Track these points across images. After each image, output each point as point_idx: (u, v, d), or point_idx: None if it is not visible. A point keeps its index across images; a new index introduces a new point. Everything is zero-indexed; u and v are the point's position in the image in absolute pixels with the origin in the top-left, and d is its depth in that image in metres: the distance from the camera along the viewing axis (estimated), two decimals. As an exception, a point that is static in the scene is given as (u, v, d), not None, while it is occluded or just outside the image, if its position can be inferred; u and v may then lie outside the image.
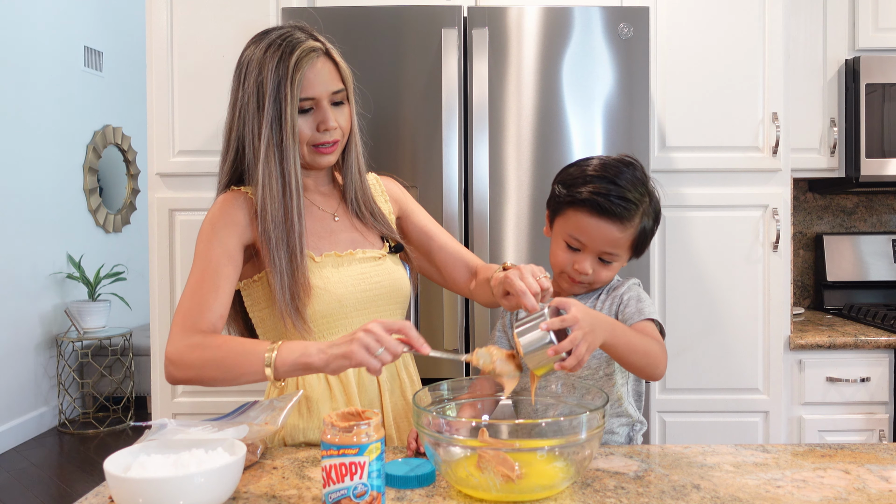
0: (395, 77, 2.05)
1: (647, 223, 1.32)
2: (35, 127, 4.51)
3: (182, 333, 1.23)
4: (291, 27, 1.34)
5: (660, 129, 2.27)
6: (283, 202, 1.29)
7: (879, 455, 1.21)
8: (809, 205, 2.98)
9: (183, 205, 2.23)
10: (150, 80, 2.23)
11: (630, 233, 1.29)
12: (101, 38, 5.16)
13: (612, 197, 1.26)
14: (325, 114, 1.31)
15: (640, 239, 1.32)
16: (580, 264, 1.30)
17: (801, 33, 2.57)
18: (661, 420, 2.29)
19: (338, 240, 1.39)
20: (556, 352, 1.05)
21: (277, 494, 1.07)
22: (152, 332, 2.24)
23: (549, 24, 2.06)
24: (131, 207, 5.59)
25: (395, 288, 1.41)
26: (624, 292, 1.34)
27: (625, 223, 1.28)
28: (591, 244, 1.29)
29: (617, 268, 1.34)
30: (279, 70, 1.28)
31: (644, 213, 1.31)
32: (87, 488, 3.42)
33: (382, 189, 1.51)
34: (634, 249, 1.34)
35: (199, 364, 1.20)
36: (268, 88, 1.28)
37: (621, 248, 1.31)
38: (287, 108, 1.28)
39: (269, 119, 1.28)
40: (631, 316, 1.30)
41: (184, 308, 1.25)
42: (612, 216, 1.26)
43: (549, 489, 1.03)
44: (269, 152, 1.29)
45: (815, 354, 2.33)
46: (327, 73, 1.32)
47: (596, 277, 1.32)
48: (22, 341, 4.41)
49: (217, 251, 1.29)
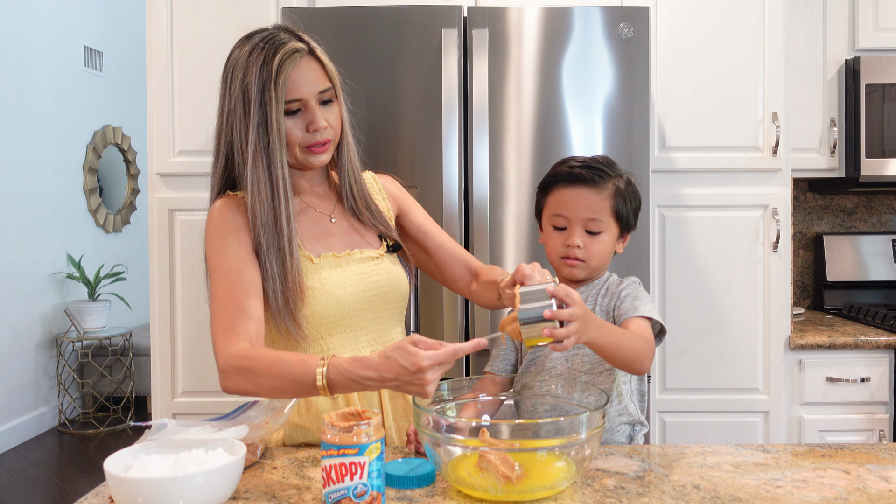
0: (395, 77, 2.05)
1: (622, 193, 1.37)
2: (35, 127, 4.51)
3: (226, 346, 1.21)
4: (276, 28, 1.33)
5: (660, 129, 2.27)
6: (271, 206, 1.28)
7: (879, 455, 1.21)
8: (809, 205, 2.98)
9: (183, 205, 2.24)
10: (150, 80, 2.23)
11: (606, 195, 1.36)
12: (101, 38, 5.16)
13: (579, 166, 1.37)
14: (313, 114, 1.30)
15: (620, 208, 1.36)
16: (570, 238, 1.36)
17: (801, 33, 2.57)
18: (661, 420, 2.29)
19: (335, 241, 1.39)
20: (551, 334, 1.11)
21: (277, 494, 1.07)
22: (152, 332, 2.24)
23: (549, 24, 2.06)
24: (131, 207, 5.59)
25: (394, 287, 1.41)
26: (623, 289, 1.37)
27: (598, 187, 1.35)
28: (573, 215, 1.36)
29: (607, 240, 1.37)
30: (262, 73, 1.27)
31: (617, 184, 1.37)
32: (87, 488, 3.42)
33: (380, 187, 1.51)
34: (618, 220, 1.37)
35: (251, 390, 1.19)
36: (253, 93, 1.27)
37: (602, 213, 1.35)
38: (272, 111, 1.27)
39: (255, 123, 1.27)
40: (625, 312, 1.33)
41: (221, 321, 1.23)
42: (583, 181, 1.36)
43: (549, 489, 1.03)
44: (257, 157, 1.28)
45: (815, 354, 2.33)
46: (312, 72, 1.31)
47: (588, 252, 1.36)
48: (22, 341, 4.41)
49: (234, 258, 1.28)
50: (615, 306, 1.36)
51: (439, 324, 2.03)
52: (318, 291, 1.31)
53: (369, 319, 1.37)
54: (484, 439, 1.03)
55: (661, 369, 2.28)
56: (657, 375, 2.28)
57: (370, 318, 1.38)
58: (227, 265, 1.27)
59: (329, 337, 1.34)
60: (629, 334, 1.25)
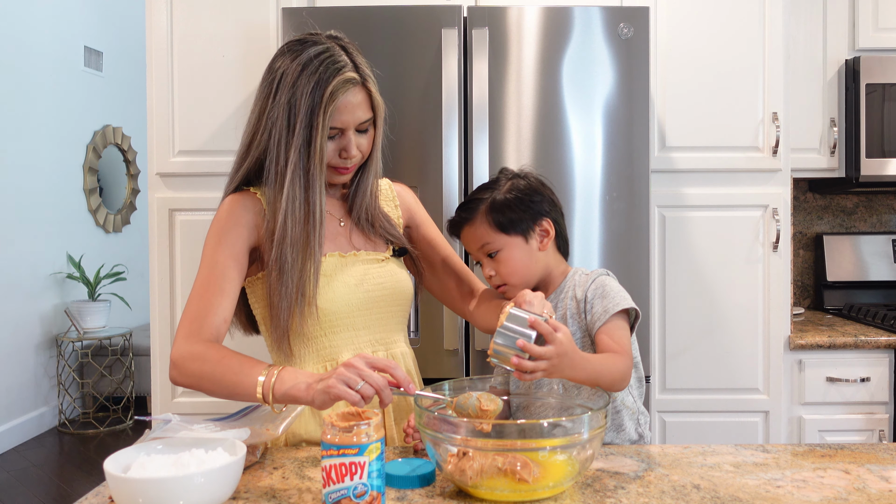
0: (395, 77, 2.05)
1: (496, 207, 1.37)
2: (35, 127, 4.51)
3: (186, 339, 1.24)
4: (332, 42, 1.31)
5: (660, 130, 2.27)
6: (304, 229, 1.29)
7: (879, 455, 1.21)
8: (809, 205, 2.98)
9: (183, 205, 2.24)
10: (150, 80, 2.23)
11: (478, 222, 1.38)
12: (101, 38, 5.16)
13: (454, 215, 1.43)
14: (348, 142, 1.31)
15: (498, 220, 1.36)
16: (483, 271, 1.40)
17: (801, 33, 2.57)
18: (661, 420, 2.29)
19: (342, 242, 1.40)
20: (517, 364, 1.13)
21: (277, 494, 1.07)
22: (152, 332, 2.24)
23: (549, 24, 2.06)
24: (131, 207, 5.59)
25: (398, 290, 1.41)
26: (588, 289, 1.34)
27: (470, 220, 1.39)
28: (471, 252, 1.42)
29: (510, 255, 1.36)
30: (314, 96, 1.26)
31: (491, 202, 1.37)
32: (87, 488, 3.42)
33: (394, 195, 1.51)
34: (502, 229, 1.37)
35: (197, 375, 1.22)
36: (300, 112, 1.26)
37: (485, 236, 1.37)
38: (317, 136, 1.27)
39: (298, 144, 1.27)
40: (598, 318, 1.30)
41: (189, 312, 1.26)
42: (459, 224, 1.41)
43: (550, 489, 1.03)
44: (295, 177, 1.28)
45: (815, 354, 2.33)
46: (359, 103, 1.30)
47: (501, 275, 1.38)
48: (22, 341, 4.41)
49: (223, 255, 1.29)
50: (585, 310, 1.33)
51: (439, 324, 2.03)
52: (322, 289, 1.31)
53: (372, 320, 1.38)
54: (483, 438, 1.03)
55: (661, 369, 2.28)
56: (657, 375, 2.28)
57: (373, 318, 1.38)
58: (215, 259, 1.29)
59: (332, 335, 1.34)
60: (608, 361, 1.23)
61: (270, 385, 1.16)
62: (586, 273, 1.39)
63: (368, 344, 1.37)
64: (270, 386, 1.16)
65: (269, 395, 1.16)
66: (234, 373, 1.19)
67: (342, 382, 1.10)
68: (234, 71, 2.22)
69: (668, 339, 2.27)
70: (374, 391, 1.11)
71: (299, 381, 1.16)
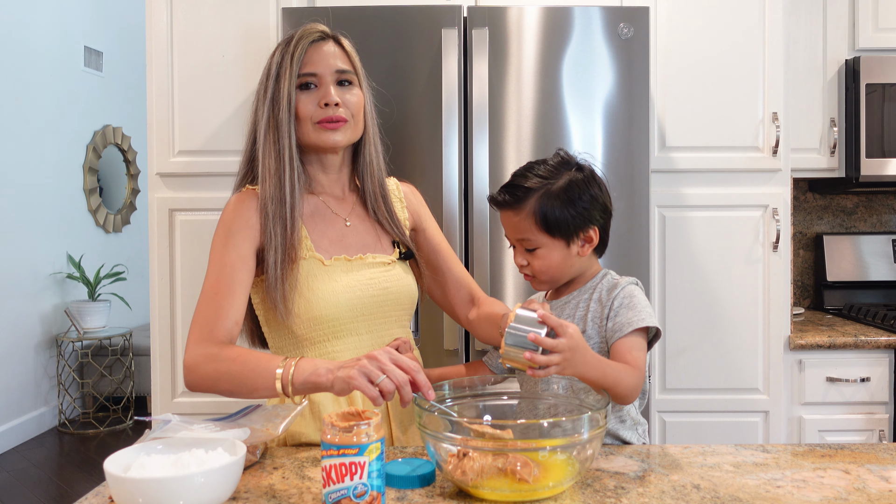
0: (395, 77, 2.05)
1: (548, 204, 1.30)
2: (35, 127, 4.51)
3: (199, 342, 1.23)
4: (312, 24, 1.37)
5: (660, 129, 2.27)
6: (277, 176, 1.29)
7: (879, 455, 1.21)
8: (809, 205, 2.98)
9: (183, 205, 2.24)
10: (150, 80, 2.23)
11: (525, 215, 1.31)
12: (101, 38, 5.16)
13: (501, 190, 1.36)
14: (326, 88, 1.31)
15: (547, 220, 1.30)
16: (515, 257, 1.37)
17: (801, 33, 2.57)
18: (661, 420, 2.29)
19: (349, 244, 1.38)
20: (531, 359, 1.12)
21: (277, 494, 1.07)
22: (152, 333, 2.24)
23: (549, 24, 2.06)
24: (131, 207, 5.59)
25: (404, 294, 1.40)
26: (616, 296, 1.31)
27: (516, 208, 1.32)
28: (509, 236, 1.37)
29: (547, 254, 1.32)
30: (282, 51, 1.31)
31: (543, 195, 1.30)
32: (87, 488, 3.42)
33: (401, 195, 1.50)
34: (550, 232, 1.31)
35: (213, 377, 1.21)
36: (272, 70, 1.31)
37: (527, 232, 1.32)
38: (284, 83, 1.29)
39: (269, 98, 1.30)
40: (620, 328, 1.27)
41: (201, 315, 1.26)
42: (503, 205, 1.35)
43: (550, 489, 1.03)
44: (269, 131, 1.30)
45: (815, 354, 2.33)
46: (332, 52, 1.33)
47: (533, 268, 1.35)
48: (22, 341, 4.41)
49: (232, 256, 1.29)
50: (607, 316, 1.30)
51: (439, 324, 2.03)
52: (328, 293, 1.31)
53: (376, 324, 1.37)
54: (484, 437, 1.03)
55: (661, 369, 2.28)
56: (657, 375, 2.28)
57: (377, 322, 1.37)
58: (223, 261, 1.29)
59: (335, 340, 1.34)
60: (621, 370, 1.21)
61: (289, 376, 1.15)
62: (616, 278, 1.36)
63: (370, 348, 1.35)
64: (289, 377, 1.15)
65: (287, 386, 1.16)
66: (251, 368, 1.19)
67: (363, 375, 1.09)
68: (234, 71, 2.22)
69: (668, 339, 2.27)
70: (394, 387, 1.10)
71: (319, 367, 1.15)
